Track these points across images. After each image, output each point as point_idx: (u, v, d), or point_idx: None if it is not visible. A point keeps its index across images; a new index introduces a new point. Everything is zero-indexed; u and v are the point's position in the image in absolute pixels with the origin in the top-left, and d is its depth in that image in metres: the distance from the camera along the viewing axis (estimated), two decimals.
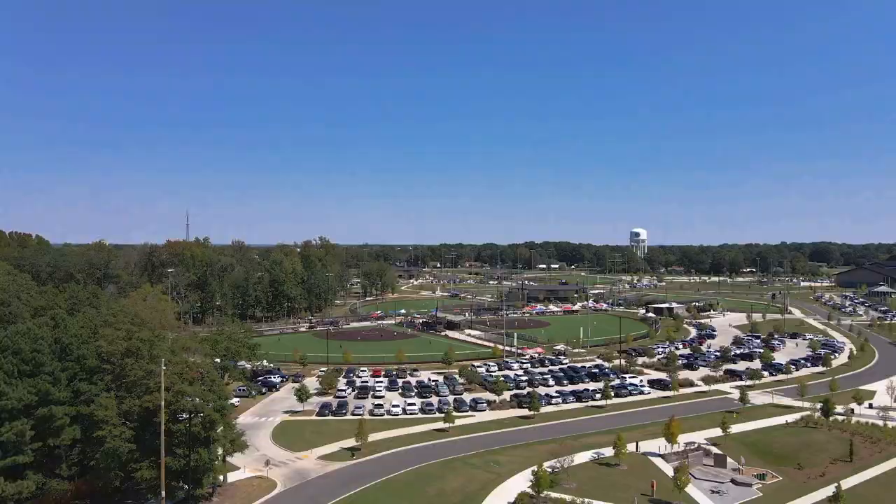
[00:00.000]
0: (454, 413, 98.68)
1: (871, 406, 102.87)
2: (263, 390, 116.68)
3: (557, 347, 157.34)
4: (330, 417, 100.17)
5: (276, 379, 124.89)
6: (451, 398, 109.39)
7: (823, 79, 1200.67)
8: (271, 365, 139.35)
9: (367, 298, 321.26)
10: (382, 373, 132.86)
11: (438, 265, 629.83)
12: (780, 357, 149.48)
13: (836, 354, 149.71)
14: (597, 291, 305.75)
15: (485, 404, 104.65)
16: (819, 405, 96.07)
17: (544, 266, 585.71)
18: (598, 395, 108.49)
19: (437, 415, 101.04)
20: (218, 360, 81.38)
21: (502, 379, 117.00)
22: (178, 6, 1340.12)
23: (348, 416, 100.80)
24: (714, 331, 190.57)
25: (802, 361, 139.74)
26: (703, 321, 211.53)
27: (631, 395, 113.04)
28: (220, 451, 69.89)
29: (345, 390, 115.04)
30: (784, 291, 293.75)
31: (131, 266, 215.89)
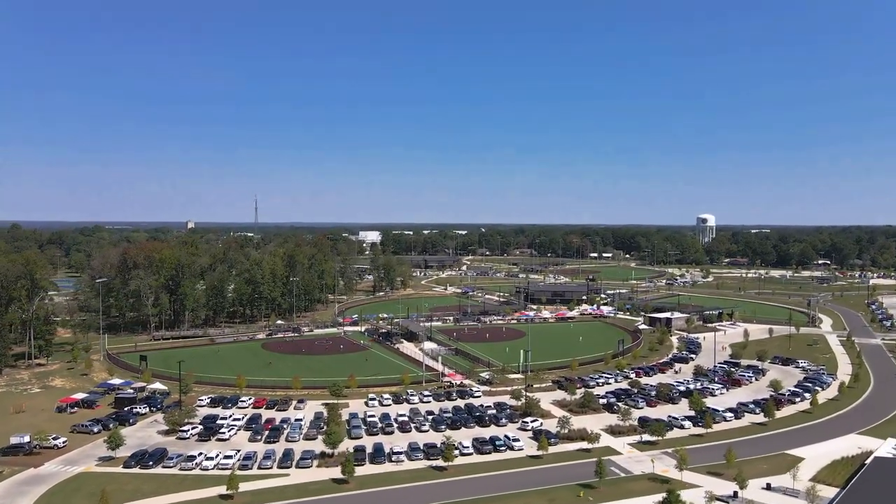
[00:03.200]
0: (257, 471, 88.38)
1: (768, 487, 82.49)
2: (111, 425, 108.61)
3: (484, 374, 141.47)
4: (135, 470, 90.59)
5: (141, 409, 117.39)
6: (280, 449, 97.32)
7: None
8: (165, 388, 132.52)
9: (380, 294, 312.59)
10: (265, 404, 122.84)
11: (488, 252, 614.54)
12: (740, 396, 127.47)
13: (807, 395, 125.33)
14: (613, 292, 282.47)
15: (310, 459, 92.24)
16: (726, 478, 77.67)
17: (595, 255, 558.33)
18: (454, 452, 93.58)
19: (256, 471, 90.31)
20: None
21: (357, 423, 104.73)
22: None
23: (157, 469, 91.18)
24: (694, 353, 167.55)
25: (751, 406, 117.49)
26: (696, 336, 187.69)
27: (497, 450, 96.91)
28: None
29: (187, 430, 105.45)
30: (817, 297, 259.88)
31: (107, 266, 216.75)
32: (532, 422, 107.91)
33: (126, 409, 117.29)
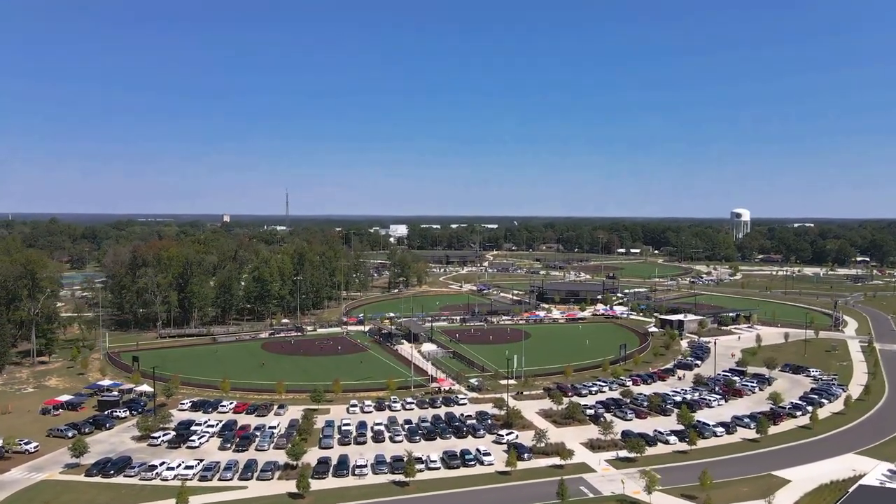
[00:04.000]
0: (217, 482, 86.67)
1: None
2: (87, 429, 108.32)
3: (473, 380, 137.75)
4: (96, 479, 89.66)
5: (121, 413, 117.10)
6: (246, 458, 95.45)
7: None
8: (152, 390, 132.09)
9: (394, 291, 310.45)
10: (246, 409, 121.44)
11: (514, 247, 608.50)
12: (738, 408, 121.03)
13: (809, 409, 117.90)
14: (632, 290, 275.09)
15: (272, 471, 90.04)
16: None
17: (623, 250, 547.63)
18: (419, 466, 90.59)
19: (215, 482, 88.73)
20: None
21: (333, 432, 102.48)
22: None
23: (118, 479, 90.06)
24: (700, 358, 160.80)
25: (746, 420, 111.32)
26: (707, 340, 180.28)
27: (466, 465, 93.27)
28: None
29: (159, 436, 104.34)
30: (846, 297, 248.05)
31: (118, 264, 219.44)
32: (507, 434, 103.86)
33: (107, 412, 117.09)
